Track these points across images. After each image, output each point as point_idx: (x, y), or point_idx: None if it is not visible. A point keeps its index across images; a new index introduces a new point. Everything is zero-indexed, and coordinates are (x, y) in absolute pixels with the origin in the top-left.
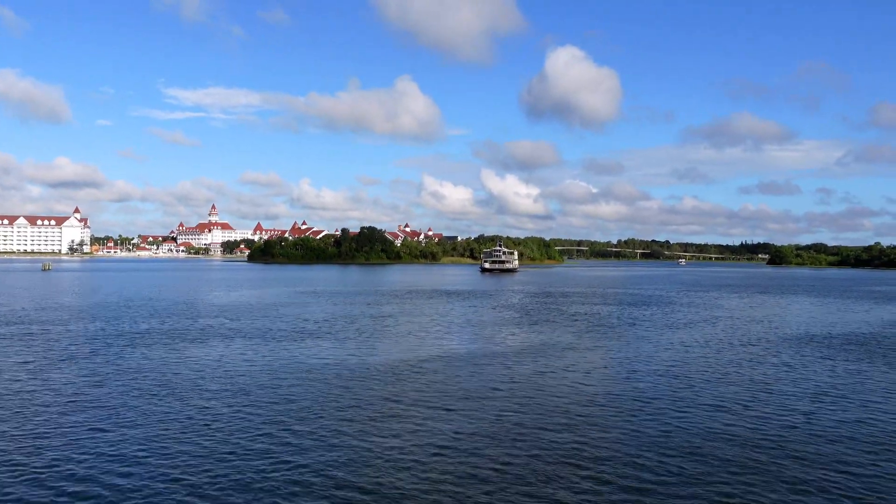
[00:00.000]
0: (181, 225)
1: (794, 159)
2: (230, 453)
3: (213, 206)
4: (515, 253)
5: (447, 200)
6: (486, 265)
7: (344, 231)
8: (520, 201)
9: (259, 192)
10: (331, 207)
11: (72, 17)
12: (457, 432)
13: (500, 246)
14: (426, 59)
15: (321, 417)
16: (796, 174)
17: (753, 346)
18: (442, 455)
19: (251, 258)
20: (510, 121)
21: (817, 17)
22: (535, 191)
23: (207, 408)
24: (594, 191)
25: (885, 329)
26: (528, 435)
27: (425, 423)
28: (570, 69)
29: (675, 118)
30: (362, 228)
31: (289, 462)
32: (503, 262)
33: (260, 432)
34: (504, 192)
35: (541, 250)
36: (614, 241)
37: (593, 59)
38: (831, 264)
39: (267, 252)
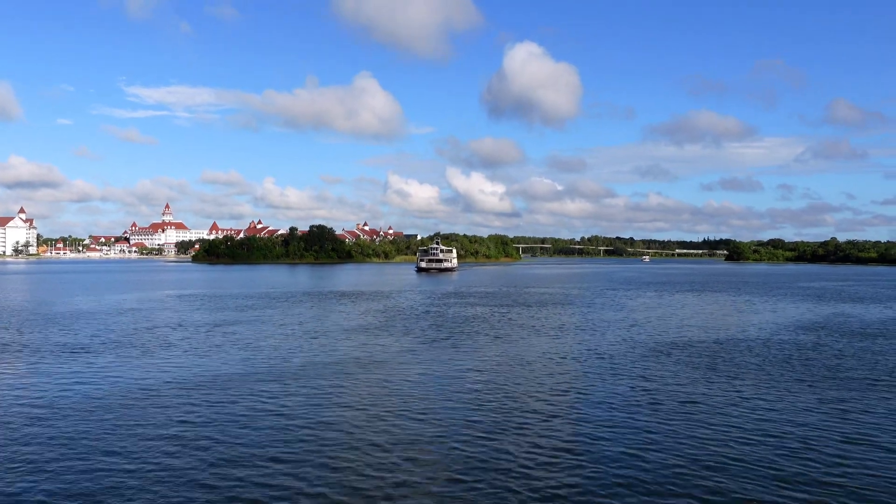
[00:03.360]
0: (134, 225)
1: (755, 156)
2: None
3: (167, 206)
4: (454, 251)
5: (413, 199)
6: (423, 264)
7: (292, 230)
8: (486, 199)
9: (221, 192)
10: (295, 206)
11: (11, 13)
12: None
13: (437, 243)
14: (383, 55)
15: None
16: (757, 171)
17: (599, 357)
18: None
19: (196, 259)
20: (472, 118)
21: (772, 15)
22: (500, 188)
23: None
24: (559, 188)
25: (774, 336)
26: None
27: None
28: (529, 65)
29: (635, 115)
30: (311, 227)
31: None
32: (440, 260)
33: None
34: (469, 189)
35: (498, 248)
36: (578, 239)
37: (552, 56)
38: (789, 260)
39: (212, 252)
